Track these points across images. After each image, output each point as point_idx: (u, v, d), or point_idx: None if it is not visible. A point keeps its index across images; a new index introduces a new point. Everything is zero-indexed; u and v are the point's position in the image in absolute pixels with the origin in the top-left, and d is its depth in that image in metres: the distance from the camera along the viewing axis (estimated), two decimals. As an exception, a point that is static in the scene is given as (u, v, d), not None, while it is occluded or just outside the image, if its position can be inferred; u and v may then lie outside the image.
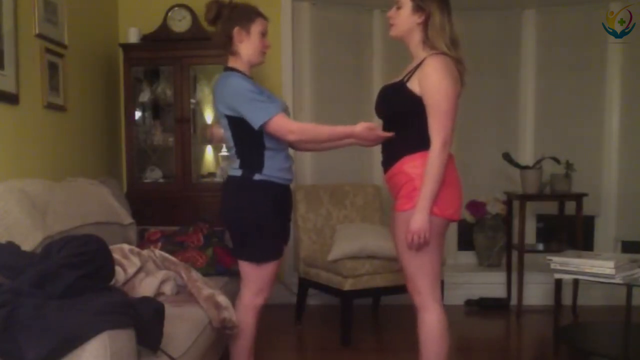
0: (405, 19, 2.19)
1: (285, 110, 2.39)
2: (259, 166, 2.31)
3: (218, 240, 3.17)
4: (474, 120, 4.46)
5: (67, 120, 3.36)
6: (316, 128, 2.42)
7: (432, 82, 2.10)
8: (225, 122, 2.33)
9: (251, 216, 2.31)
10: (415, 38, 2.19)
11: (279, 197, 2.38)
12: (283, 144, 2.38)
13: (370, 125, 2.26)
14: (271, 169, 2.32)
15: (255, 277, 2.39)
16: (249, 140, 2.31)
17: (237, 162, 2.36)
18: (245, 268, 2.40)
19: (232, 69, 2.36)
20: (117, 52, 4.04)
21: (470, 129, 4.39)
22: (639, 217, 4.33)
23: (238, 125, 2.30)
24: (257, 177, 2.31)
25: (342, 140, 2.42)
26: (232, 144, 2.37)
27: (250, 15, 2.34)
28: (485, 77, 4.46)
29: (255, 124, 2.23)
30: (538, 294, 4.16)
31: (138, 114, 4.11)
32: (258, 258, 2.36)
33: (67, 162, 3.35)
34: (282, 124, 2.25)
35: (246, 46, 2.34)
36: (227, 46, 2.36)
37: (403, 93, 2.16)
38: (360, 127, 2.25)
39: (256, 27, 2.34)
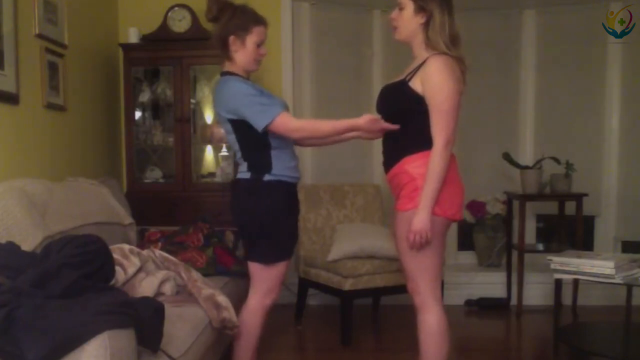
0: (408, 21, 2.18)
1: (285, 108, 2.39)
2: (267, 167, 2.31)
3: (218, 240, 3.17)
4: (474, 120, 4.46)
5: (67, 120, 3.36)
6: (319, 124, 2.41)
7: (434, 82, 2.10)
8: (228, 126, 2.33)
9: (263, 217, 2.31)
10: (418, 39, 2.19)
11: (290, 196, 2.37)
12: (288, 142, 2.37)
13: (374, 117, 2.25)
14: (279, 168, 2.32)
15: (264, 278, 2.39)
16: (253, 142, 2.30)
17: (244, 165, 2.35)
18: (255, 269, 2.39)
19: (230, 73, 2.36)
20: (117, 52, 4.04)
21: (470, 129, 4.39)
22: (639, 217, 4.33)
23: (242, 129, 2.29)
24: (267, 177, 2.30)
25: (346, 133, 2.40)
26: (237, 147, 2.36)
27: (247, 25, 2.31)
28: (485, 77, 4.45)
29: (259, 126, 2.23)
30: (538, 294, 4.16)
31: (138, 114, 4.11)
32: (269, 259, 2.36)
33: (67, 162, 3.35)
34: (284, 124, 2.24)
35: (241, 55, 2.33)
36: (223, 51, 2.35)
37: (405, 92, 2.16)
38: (364, 120, 2.24)
39: (252, 38, 2.31)
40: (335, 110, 4.42)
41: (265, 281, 2.39)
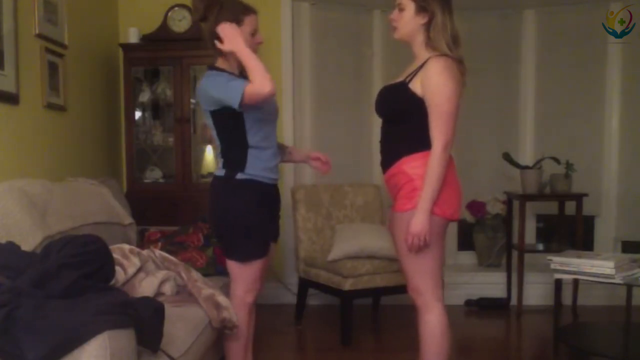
0: (408, 21, 2.17)
1: (275, 110, 2.40)
2: (241, 165, 2.30)
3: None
4: (474, 120, 4.46)
5: (67, 120, 3.36)
6: (252, 66, 2.18)
7: (435, 84, 2.09)
8: (210, 121, 2.32)
9: (234, 216, 2.30)
10: (419, 39, 2.19)
11: (264, 196, 2.36)
12: (271, 141, 2.36)
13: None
14: (254, 168, 2.30)
15: (242, 276, 2.39)
16: (232, 138, 2.29)
17: (221, 162, 2.35)
18: (233, 267, 2.40)
19: (216, 68, 2.34)
20: (117, 52, 4.04)
21: (470, 129, 4.39)
22: (639, 217, 4.33)
23: (221, 122, 2.28)
24: (239, 176, 2.30)
25: (250, 56, 2.20)
26: (218, 143, 2.36)
27: (237, 16, 2.26)
28: (485, 77, 4.45)
29: (234, 103, 2.16)
30: (538, 294, 4.16)
31: (138, 114, 4.11)
32: (243, 257, 2.35)
33: (67, 162, 3.35)
34: (252, 89, 2.13)
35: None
36: (216, 49, 2.30)
37: (404, 94, 2.15)
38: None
39: (245, 29, 2.26)
40: (335, 110, 4.43)
41: (243, 279, 2.39)
